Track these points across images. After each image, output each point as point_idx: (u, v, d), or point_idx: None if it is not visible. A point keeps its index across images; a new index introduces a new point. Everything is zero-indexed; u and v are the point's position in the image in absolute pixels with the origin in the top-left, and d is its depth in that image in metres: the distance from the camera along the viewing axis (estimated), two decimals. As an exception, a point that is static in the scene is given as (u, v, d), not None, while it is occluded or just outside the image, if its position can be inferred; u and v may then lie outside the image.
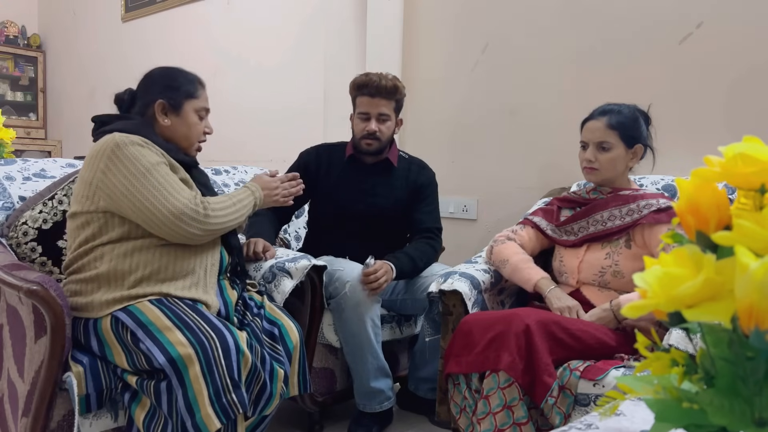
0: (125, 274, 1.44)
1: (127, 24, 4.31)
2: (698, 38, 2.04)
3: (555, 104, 2.39)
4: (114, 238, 1.45)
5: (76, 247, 1.48)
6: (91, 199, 1.45)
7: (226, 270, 1.65)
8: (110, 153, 1.43)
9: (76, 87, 4.84)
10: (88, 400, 1.38)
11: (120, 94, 1.66)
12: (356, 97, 2.09)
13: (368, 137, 2.05)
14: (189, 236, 1.46)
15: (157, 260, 1.46)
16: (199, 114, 1.64)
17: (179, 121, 1.61)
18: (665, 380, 0.49)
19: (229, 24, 3.55)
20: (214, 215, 1.48)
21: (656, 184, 1.91)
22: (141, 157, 1.43)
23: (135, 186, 1.41)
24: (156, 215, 1.41)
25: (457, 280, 1.71)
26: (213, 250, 1.58)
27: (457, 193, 2.64)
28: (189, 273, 1.50)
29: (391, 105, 2.06)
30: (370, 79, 2.02)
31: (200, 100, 1.64)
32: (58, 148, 5.04)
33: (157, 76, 1.64)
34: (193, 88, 1.63)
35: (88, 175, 1.46)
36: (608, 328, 1.55)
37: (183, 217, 1.42)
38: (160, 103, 1.58)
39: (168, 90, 1.60)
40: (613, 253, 1.68)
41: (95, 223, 1.46)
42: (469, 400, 1.55)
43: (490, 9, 2.57)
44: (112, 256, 1.44)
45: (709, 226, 0.46)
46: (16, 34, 5.10)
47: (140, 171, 1.42)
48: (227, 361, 1.34)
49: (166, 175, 1.46)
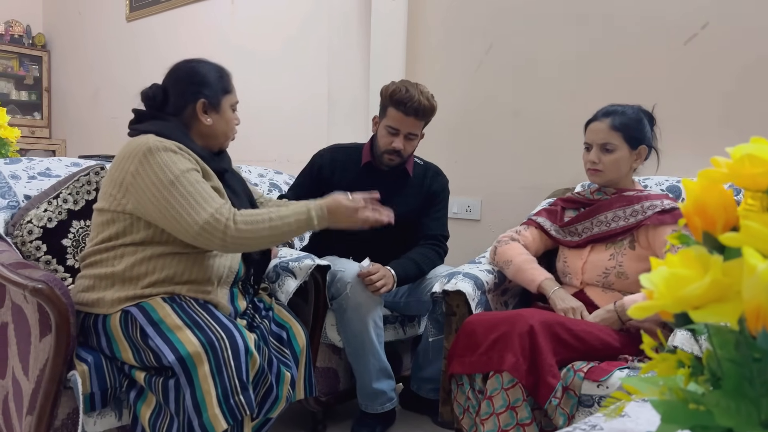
0: (140, 276, 1.43)
1: (131, 23, 4.31)
2: (703, 39, 2.04)
3: (559, 105, 2.39)
4: (137, 240, 1.44)
5: (99, 242, 1.48)
6: (119, 200, 1.44)
7: (240, 279, 1.63)
8: (141, 157, 1.40)
9: (80, 86, 4.85)
10: (93, 399, 1.39)
11: (148, 92, 1.58)
12: (388, 107, 2.00)
13: (392, 153, 2.02)
14: (214, 246, 1.43)
15: (174, 266, 1.46)
16: (233, 107, 1.63)
17: (219, 118, 1.58)
18: (671, 381, 0.48)
19: (233, 23, 3.55)
20: (241, 228, 1.39)
21: (661, 185, 1.91)
22: (171, 164, 1.40)
23: (162, 193, 1.38)
24: (181, 224, 1.38)
25: (461, 280, 1.71)
26: (231, 261, 1.57)
27: (460, 193, 2.64)
28: (204, 282, 1.49)
29: (422, 124, 2.03)
30: (410, 97, 1.93)
31: (233, 94, 1.63)
32: (63, 147, 5.05)
33: (190, 74, 1.58)
34: (227, 82, 1.61)
35: (119, 175, 1.44)
36: (612, 329, 1.54)
37: (207, 227, 1.37)
38: (202, 103, 1.55)
39: (205, 88, 1.56)
40: (617, 254, 1.67)
41: (120, 222, 1.45)
42: (473, 401, 1.55)
43: (494, 10, 2.56)
44: (131, 259, 1.44)
45: (716, 227, 0.46)
46: (21, 34, 5.12)
47: (169, 179, 1.38)
48: (236, 362, 1.34)
49: (195, 183, 1.41)
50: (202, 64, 1.61)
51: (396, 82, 2.01)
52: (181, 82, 1.58)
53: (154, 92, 1.57)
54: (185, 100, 1.55)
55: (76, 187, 1.80)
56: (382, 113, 2.04)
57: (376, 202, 1.58)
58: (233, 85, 1.64)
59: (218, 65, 1.63)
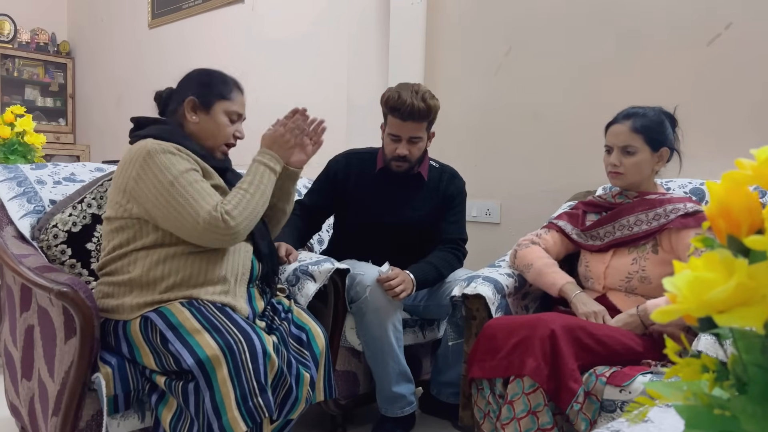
0: (157, 280, 1.45)
1: (153, 30, 4.38)
2: (727, 39, 2.01)
3: (579, 107, 2.37)
4: (147, 244, 1.47)
5: (110, 250, 1.51)
6: (125, 206, 1.47)
7: (256, 278, 1.65)
8: (141, 161, 1.44)
9: (104, 92, 4.94)
10: (116, 401, 1.41)
11: (161, 92, 1.68)
12: (387, 115, 2.01)
13: (398, 160, 2.02)
14: (219, 242, 1.46)
15: (189, 267, 1.48)
16: (230, 117, 1.62)
17: (207, 119, 1.60)
18: (696, 386, 0.48)
19: (253, 29, 3.59)
20: (235, 216, 1.44)
21: (684, 187, 1.88)
22: (170, 166, 1.43)
23: (163, 195, 1.41)
24: (183, 224, 1.42)
25: (481, 284, 1.70)
26: (244, 258, 1.59)
27: (480, 196, 2.63)
28: (220, 281, 1.51)
29: (423, 126, 1.99)
30: (402, 102, 1.91)
31: (233, 103, 1.62)
32: (87, 153, 5.14)
33: (193, 75, 1.65)
34: (227, 89, 1.62)
35: (122, 181, 1.48)
36: (635, 333, 1.53)
37: (208, 225, 1.41)
38: (190, 100, 1.58)
39: (200, 87, 1.60)
40: (640, 258, 1.65)
41: (129, 229, 1.48)
42: (493, 405, 1.54)
43: (513, 12, 2.56)
44: (145, 263, 1.46)
45: (740, 230, 0.46)
46: (47, 42, 5.22)
47: (168, 180, 1.42)
48: (254, 365, 1.35)
49: (194, 182, 1.45)
50: (210, 70, 1.66)
51: (391, 88, 1.99)
52: (183, 82, 1.65)
53: (163, 92, 1.67)
54: (180, 98, 1.61)
55: (99, 191, 1.82)
56: (384, 121, 2.05)
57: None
58: (238, 97, 1.64)
59: (228, 75, 1.66)
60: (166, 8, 4.22)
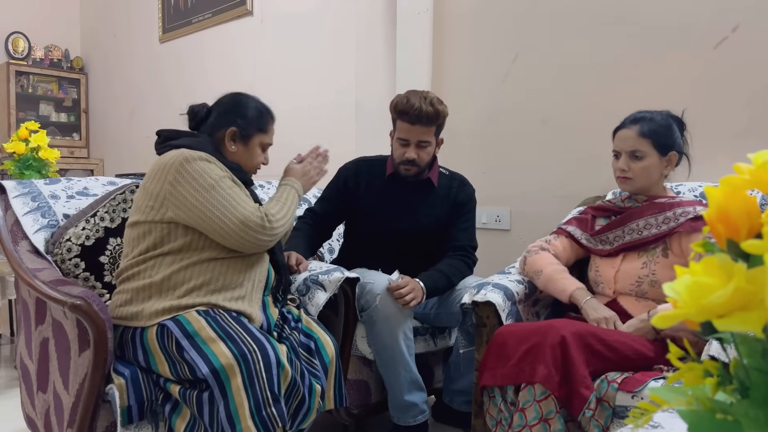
0: (177, 284, 1.48)
1: (164, 45, 4.44)
2: (734, 42, 2.00)
3: (587, 112, 2.37)
4: (175, 248, 1.50)
5: (135, 255, 1.53)
6: (157, 209, 1.51)
7: (271, 287, 1.68)
8: (178, 166, 1.49)
9: (117, 107, 5.00)
10: (130, 412, 1.42)
11: (196, 108, 1.73)
12: (396, 120, 2.05)
13: (406, 163, 2.04)
14: (258, 244, 1.54)
15: (209, 272, 1.51)
16: (263, 147, 1.72)
17: (245, 150, 1.68)
18: (699, 391, 0.48)
19: (262, 41, 3.63)
20: (276, 220, 1.57)
21: (694, 191, 1.87)
22: (209, 171, 1.51)
23: (205, 197, 1.48)
24: (225, 226, 1.48)
25: (491, 291, 1.70)
26: (261, 266, 1.63)
27: (489, 203, 2.63)
28: (237, 286, 1.54)
29: (431, 130, 2.01)
30: (410, 106, 1.95)
31: (267, 135, 1.72)
32: (100, 167, 5.21)
33: (236, 104, 1.70)
34: (264, 123, 1.71)
35: (155, 187, 1.52)
36: (646, 339, 1.52)
37: (251, 225, 1.50)
38: (232, 131, 1.66)
39: (242, 119, 1.67)
40: (650, 262, 1.65)
41: (157, 232, 1.51)
42: (505, 413, 1.53)
43: (520, 19, 2.56)
44: (169, 268, 1.49)
45: (739, 235, 0.46)
46: (60, 58, 5.31)
47: (209, 183, 1.49)
48: (268, 375, 1.36)
49: (231, 188, 1.53)
50: (250, 99, 1.73)
51: (400, 94, 2.03)
52: (224, 107, 1.71)
53: (200, 109, 1.72)
54: (220, 124, 1.67)
55: (112, 205, 1.85)
56: (394, 126, 2.08)
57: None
58: (271, 128, 1.74)
59: (265, 105, 1.74)
60: (176, 23, 4.28)
